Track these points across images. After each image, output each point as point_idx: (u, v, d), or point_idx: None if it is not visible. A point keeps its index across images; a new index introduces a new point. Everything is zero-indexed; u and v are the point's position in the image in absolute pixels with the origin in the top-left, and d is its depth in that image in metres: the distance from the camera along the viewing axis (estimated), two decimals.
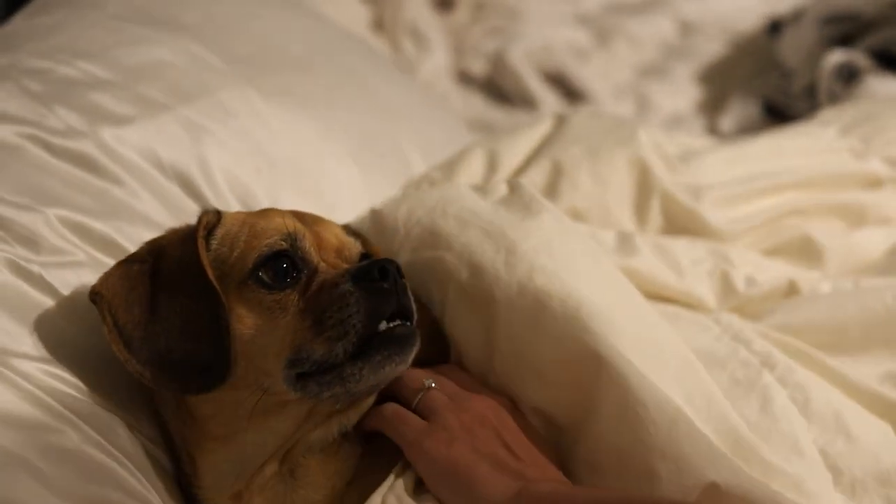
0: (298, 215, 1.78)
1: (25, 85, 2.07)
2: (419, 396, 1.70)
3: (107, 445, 1.60)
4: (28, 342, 1.64)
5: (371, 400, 1.73)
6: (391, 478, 1.64)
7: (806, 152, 2.68)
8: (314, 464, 1.70)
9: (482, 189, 2.07)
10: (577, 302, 1.75)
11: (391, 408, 1.70)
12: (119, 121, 2.08)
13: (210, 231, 1.74)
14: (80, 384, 1.66)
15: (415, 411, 1.69)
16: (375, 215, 2.03)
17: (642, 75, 4.12)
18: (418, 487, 1.64)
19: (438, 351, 1.86)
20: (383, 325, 1.59)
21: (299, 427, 1.67)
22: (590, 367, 1.69)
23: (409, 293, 1.64)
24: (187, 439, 1.70)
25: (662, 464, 1.60)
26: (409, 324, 1.62)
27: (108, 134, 2.03)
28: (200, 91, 2.26)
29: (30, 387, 1.57)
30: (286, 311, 1.63)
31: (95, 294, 1.67)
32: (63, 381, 1.63)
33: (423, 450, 1.62)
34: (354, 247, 1.77)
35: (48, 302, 1.73)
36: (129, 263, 1.72)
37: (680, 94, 3.95)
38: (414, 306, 1.64)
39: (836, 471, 1.79)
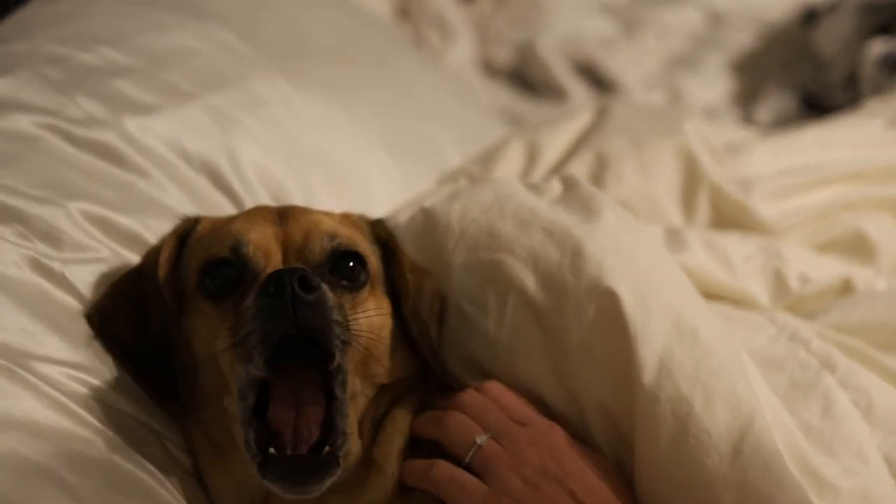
0: (281, 212, 1.69)
1: (44, 72, 1.97)
2: (472, 452, 1.58)
3: (135, 454, 1.52)
4: (51, 344, 1.55)
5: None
6: None
7: (854, 144, 2.61)
8: (335, 499, 1.59)
9: (535, 187, 1.96)
10: (649, 304, 1.65)
11: (444, 471, 1.57)
12: (143, 110, 1.99)
13: (185, 239, 1.69)
14: (106, 389, 1.57)
15: (467, 467, 1.58)
16: (427, 214, 1.91)
17: (672, 66, 4.02)
18: None
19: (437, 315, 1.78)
20: (271, 450, 1.48)
21: None
22: (651, 383, 1.59)
23: (326, 304, 1.47)
24: (199, 453, 1.64)
25: (726, 493, 1.52)
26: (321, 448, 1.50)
27: (131, 123, 1.94)
28: (228, 79, 2.18)
29: (54, 392, 1.48)
30: (224, 322, 1.53)
31: (89, 318, 1.64)
32: (88, 386, 1.54)
33: None
34: (321, 246, 1.62)
35: (70, 301, 1.64)
36: (119, 282, 1.70)
37: (712, 85, 3.87)
38: (331, 319, 1.48)
39: None
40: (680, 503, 1.55)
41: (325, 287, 1.48)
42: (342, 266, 1.61)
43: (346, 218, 1.75)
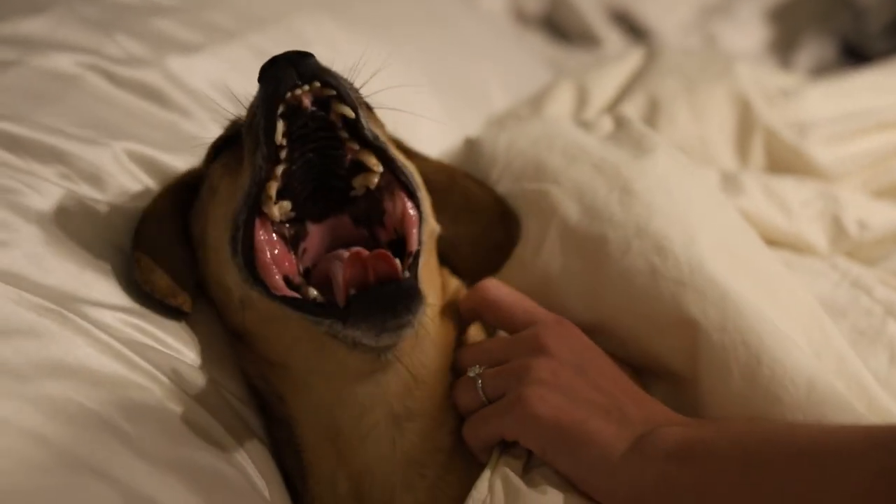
0: None
1: (81, 11, 1.92)
2: (478, 386, 1.47)
3: (193, 403, 1.45)
4: (101, 288, 1.48)
5: None
6: (494, 456, 1.45)
7: None
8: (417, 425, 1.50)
9: (585, 124, 1.91)
10: (701, 248, 1.59)
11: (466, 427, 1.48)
12: (186, 49, 1.94)
13: None
14: (159, 334, 1.50)
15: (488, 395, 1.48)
16: (471, 144, 1.88)
17: (707, 13, 4.01)
18: (527, 464, 1.45)
19: (506, 233, 1.71)
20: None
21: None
22: (716, 320, 1.53)
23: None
24: (270, 379, 1.56)
25: None
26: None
27: (174, 62, 1.90)
28: (271, 17, 2.14)
29: (106, 337, 1.41)
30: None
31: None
32: (142, 332, 1.47)
33: (522, 420, 1.40)
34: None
35: (118, 244, 1.58)
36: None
37: (748, 32, 3.87)
38: (340, 78, 1.41)
39: None
40: None
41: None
42: None
43: None
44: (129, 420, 1.33)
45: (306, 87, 1.37)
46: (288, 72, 1.36)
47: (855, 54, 3.60)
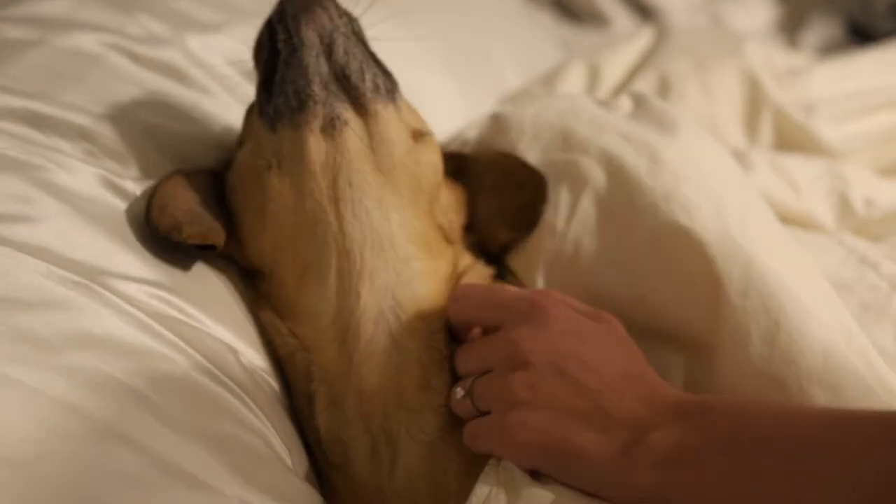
0: None
1: None
2: (470, 407, 1.50)
3: (218, 374, 1.49)
4: (128, 262, 1.52)
5: None
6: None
7: None
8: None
9: (605, 103, 1.93)
10: (727, 216, 1.63)
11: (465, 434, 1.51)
12: (206, 28, 1.98)
13: None
14: (184, 307, 1.53)
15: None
16: (497, 118, 1.90)
17: None
18: None
19: (534, 192, 1.76)
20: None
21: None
22: (739, 284, 1.56)
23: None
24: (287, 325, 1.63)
25: (819, 391, 1.48)
26: None
27: (194, 42, 1.94)
28: None
29: (132, 310, 1.44)
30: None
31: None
32: (167, 304, 1.51)
33: (508, 444, 1.43)
34: None
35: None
36: None
37: (755, 11, 3.87)
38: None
39: None
40: None
41: None
42: None
43: None
44: (154, 390, 1.37)
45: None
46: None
47: (861, 34, 3.62)
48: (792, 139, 2.38)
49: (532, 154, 1.80)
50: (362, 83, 1.57)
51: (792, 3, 3.91)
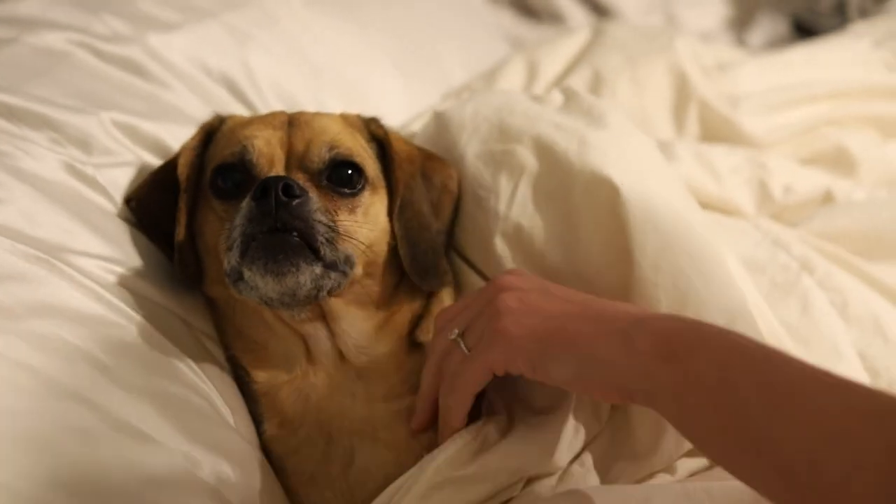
0: (292, 118, 1.78)
1: None
2: (462, 346, 1.57)
3: (165, 340, 1.63)
4: (85, 240, 1.65)
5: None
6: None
7: (840, 63, 2.71)
8: (374, 368, 1.72)
9: (538, 98, 2.05)
10: (648, 197, 1.72)
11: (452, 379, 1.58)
12: (166, 27, 2.11)
13: (212, 135, 1.80)
14: (137, 280, 1.67)
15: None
16: (439, 117, 2.01)
17: None
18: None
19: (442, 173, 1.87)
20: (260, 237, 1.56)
21: (292, 325, 1.69)
22: (652, 258, 1.66)
23: (308, 207, 1.58)
24: (231, 339, 1.76)
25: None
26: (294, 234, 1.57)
27: (155, 40, 2.06)
28: None
29: (90, 283, 1.59)
30: (229, 221, 1.62)
31: (129, 201, 1.77)
32: (120, 277, 1.65)
33: (502, 344, 1.49)
34: (320, 155, 1.70)
35: (102, 201, 1.75)
36: (156, 171, 1.82)
37: (707, 10, 3.96)
38: (312, 221, 1.58)
39: (873, 372, 1.82)
40: None
41: (310, 193, 1.59)
42: (340, 173, 1.70)
43: (346, 119, 1.83)
44: (107, 354, 1.51)
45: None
46: (270, 218, 1.55)
47: (807, 31, 3.70)
48: (718, 130, 2.49)
49: (472, 147, 1.90)
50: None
51: (741, 3, 3.99)
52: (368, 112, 1.91)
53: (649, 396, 1.36)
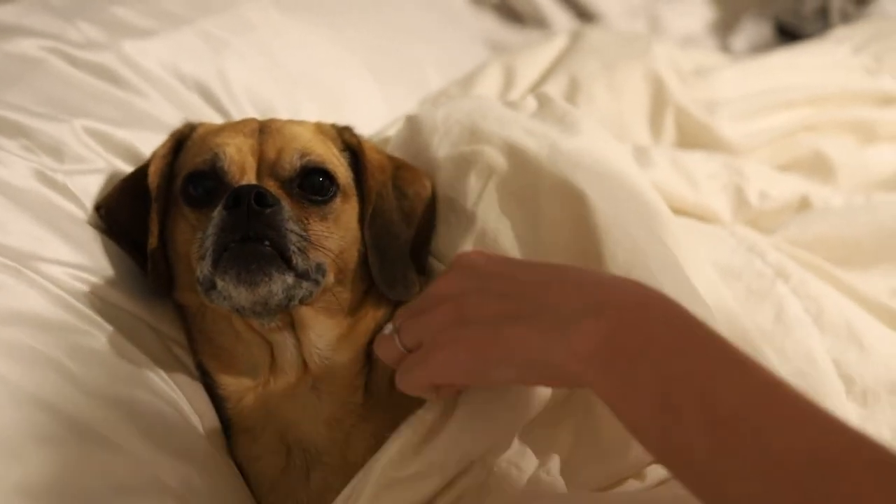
0: (263, 126, 1.78)
1: (48, 0, 2.09)
2: (396, 342, 1.52)
3: (133, 348, 1.63)
4: (55, 247, 1.65)
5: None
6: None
7: (819, 69, 2.72)
8: (329, 379, 1.72)
9: (512, 104, 2.05)
10: (618, 204, 1.73)
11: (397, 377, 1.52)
12: (140, 34, 2.11)
13: (182, 143, 1.80)
14: (106, 287, 1.67)
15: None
16: (411, 120, 2.01)
17: None
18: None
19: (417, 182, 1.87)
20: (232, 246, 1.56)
21: (262, 333, 1.69)
22: (623, 265, 1.64)
23: (281, 216, 1.58)
24: (199, 345, 1.76)
25: None
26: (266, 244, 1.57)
27: (129, 46, 2.06)
28: (221, 5, 2.30)
29: (57, 290, 1.59)
30: (203, 228, 1.62)
31: (99, 209, 1.77)
32: (89, 285, 1.65)
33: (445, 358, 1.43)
34: (291, 162, 1.70)
35: (72, 208, 1.75)
36: (126, 179, 1.82)
37: (692, 14, 3.96)
38: (284, 230, 1.58)
39: (848, 380, 1.81)
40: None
41: (282, 202, 1.60)
42: (312, 181, 1.70)
43: (318, 128, 1.84)
44: (74, 361, 1.51)
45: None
46: (242, 227, 1.56)
47: (790, 35, 3.70)
48: (694, 136, 2.49)
49: (443, 149, 1.91)
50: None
51: (726, 7, 4.00)
52: (345, 119, 1.91)
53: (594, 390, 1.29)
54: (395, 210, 1.81)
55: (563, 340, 1.29)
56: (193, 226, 1.67)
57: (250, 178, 1.68)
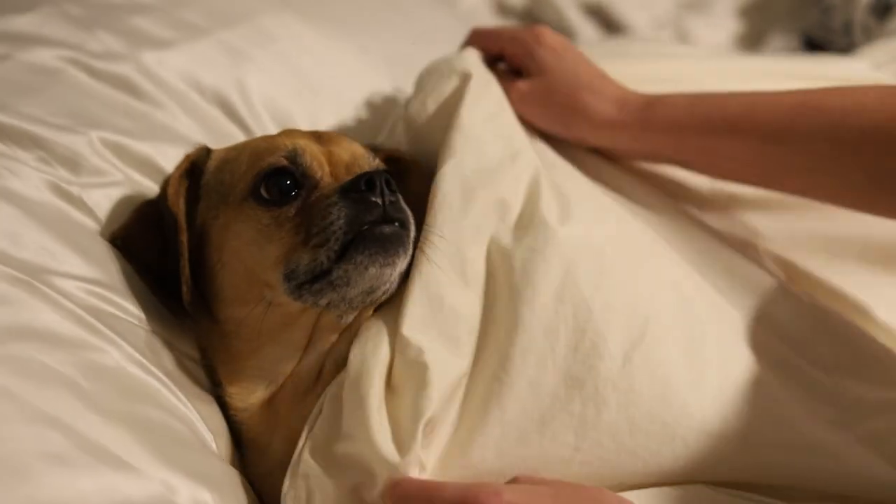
0: (316, 135, 1.78)
1: (66, 9, 2.07)
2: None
3: (147, 364, 1.61)
4: (69, 262, 1.64)
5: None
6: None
7: (839, 80, 2.67)
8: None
9: None
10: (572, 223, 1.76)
11: None
12: (160, 45, 2.09)
13: (200, 165, 1.79)
14: (120, 303, 1.66)
15: None
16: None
17: (682, 8, 4.06)
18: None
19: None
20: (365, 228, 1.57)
21: (312, 339, 1.69)
22: (556, 287, 1.67)
23: (402, 205, 1.62)
24: (217, 358, 1.75)
25: (613, 394, 1.62)
26: (396, 225, 1.60)
27: (148, 57, 2.04)
28: (241, 16, 2.28)
29: (71, 305, 1.57)
30: (282, 227, 1.63)
31: (115, 240, 1.75)
32: (103, 300, 1.64)
33: None
34: (368, 163, 1.74)
35: (88, 222, 1.74)
36: (140, 207, 1.80)
37: (719, 26, 3.92)
38: (408, 216, 1.63)
39: None
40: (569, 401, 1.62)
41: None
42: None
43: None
44: (85, 378, 1.49)
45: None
46: (376, 211, 1.58)
47: (817, 47, 3.68)
48: None
49: None
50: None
51: (755, 19, 3.96)
52: None
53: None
54: None
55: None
56: (267, 227, 1.66)
57: (327, 176, 1.69)
